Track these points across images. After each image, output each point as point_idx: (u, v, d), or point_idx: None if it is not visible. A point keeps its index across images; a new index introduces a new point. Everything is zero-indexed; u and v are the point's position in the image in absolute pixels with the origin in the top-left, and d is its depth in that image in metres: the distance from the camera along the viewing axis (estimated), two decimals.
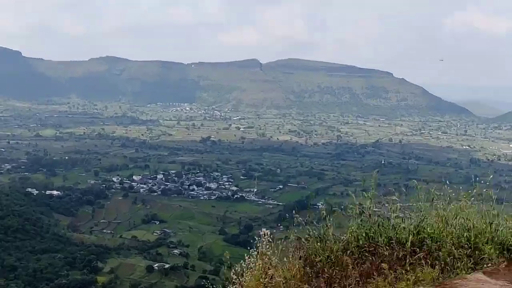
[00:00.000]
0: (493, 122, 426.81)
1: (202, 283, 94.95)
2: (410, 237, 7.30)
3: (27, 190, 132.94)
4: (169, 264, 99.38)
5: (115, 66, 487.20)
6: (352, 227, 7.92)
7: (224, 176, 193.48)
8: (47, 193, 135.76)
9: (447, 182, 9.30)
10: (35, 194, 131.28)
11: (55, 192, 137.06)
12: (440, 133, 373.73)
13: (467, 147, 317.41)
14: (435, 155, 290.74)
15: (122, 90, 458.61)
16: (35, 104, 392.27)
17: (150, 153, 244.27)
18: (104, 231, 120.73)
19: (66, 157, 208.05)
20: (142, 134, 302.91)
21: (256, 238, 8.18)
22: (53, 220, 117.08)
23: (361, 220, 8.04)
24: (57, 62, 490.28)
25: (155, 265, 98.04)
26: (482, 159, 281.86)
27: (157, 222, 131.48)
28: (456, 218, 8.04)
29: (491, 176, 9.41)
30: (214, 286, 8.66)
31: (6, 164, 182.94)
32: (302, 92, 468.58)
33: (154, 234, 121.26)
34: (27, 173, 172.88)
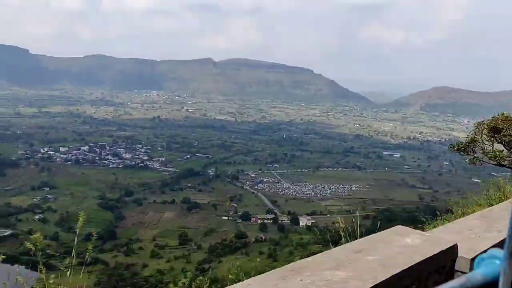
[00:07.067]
0: (384, 107, 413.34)
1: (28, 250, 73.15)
2: None
3: None
4: (11, 231, 76.48)
5: (103, 61, 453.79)
6: None
7: (144, 148, 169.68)
8: None
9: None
10: None
11: None
12: (341, 115, 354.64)
13: (358, 125, 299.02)
14: (330, 132, 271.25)
15: (106, 81, 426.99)
16: (33, 90, 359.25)
17: (102, 128, 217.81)
18: None
19: (19, 132, 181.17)
20: (107, 114, 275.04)
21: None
22: None
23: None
24: (57, 58, 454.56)
25: None
26: (365, 134, 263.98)
27: (47, 189, 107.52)
28: None
29: None
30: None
31: None
32: (245, 84, 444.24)
33: (34, 200, 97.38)
34: None
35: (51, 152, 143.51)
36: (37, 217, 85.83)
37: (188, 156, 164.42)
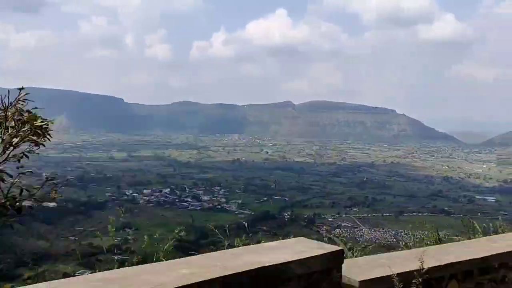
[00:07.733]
0: (476, 148, 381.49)
1: None
2: None
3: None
4: (90, 271, 79.40)
5: (189, 107, 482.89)
6: None
7: (222, 190, 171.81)
8: (43, 204, 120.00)
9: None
10: (27, 206, 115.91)
11: (51, 204, 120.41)
12: (428, 156, 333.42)
13: (446, 167, 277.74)
14: (415, 174, 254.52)
15: (192, 126, 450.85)
16: (126, 136, 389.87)
17: (185, 171, 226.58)
18: (71, 238, 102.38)
19: (109, 175, 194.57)
20: (190, 157, 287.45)
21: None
22: (24, 228, 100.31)
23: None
24: (148, 106, 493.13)
25: (77, 273, 78.39)
26: (455, 177, 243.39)
27: (128, 230, 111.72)
28: None
29: None
30: None
31: (52, 180, 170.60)
32: (325, 126, 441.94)
33: (115, 240, 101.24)
34: (63, 187, 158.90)
35: (135, 194, 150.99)
36: (116, 257, 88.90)
37: (265, 198, 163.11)
